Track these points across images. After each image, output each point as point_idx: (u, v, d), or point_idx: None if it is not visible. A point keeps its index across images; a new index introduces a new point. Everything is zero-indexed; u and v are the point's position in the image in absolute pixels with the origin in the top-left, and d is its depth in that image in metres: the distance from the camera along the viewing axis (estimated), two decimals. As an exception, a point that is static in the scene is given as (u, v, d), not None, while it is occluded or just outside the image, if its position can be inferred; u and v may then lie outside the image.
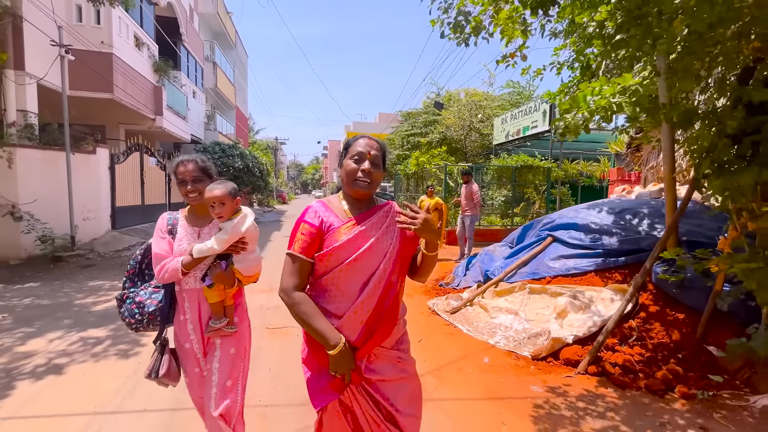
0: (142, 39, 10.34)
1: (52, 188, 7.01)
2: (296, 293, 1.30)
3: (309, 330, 1.29)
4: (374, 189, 1.36)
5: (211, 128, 18.17)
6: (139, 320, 1.70)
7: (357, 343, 1.31)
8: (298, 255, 1.30)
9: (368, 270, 1.31)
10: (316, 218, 1.34)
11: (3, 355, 3.32)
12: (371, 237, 1.31)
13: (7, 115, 6.92)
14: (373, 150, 1.33)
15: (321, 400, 1.33)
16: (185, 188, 1.69)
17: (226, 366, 1.72)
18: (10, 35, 6.79)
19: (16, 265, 6.55)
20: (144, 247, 1.82)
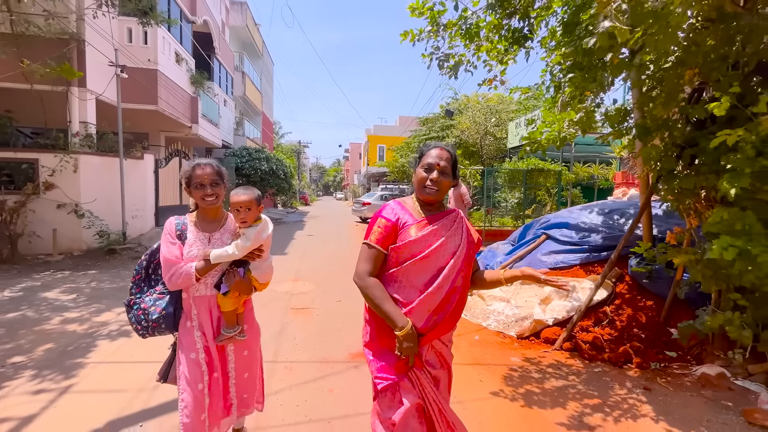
0: (182, 55, 11.42)
1: (107, 189, 8.04)
2: (369, 278, 1.44)
3: (379, 312, 1.41)
4: (442, 196, 1.51)
5: (240, 134, 19.32)
6: (145, 327, 1.67)
7: (422, 330, 1.43)
8: (374, 245, 1.46)
9: (437, 265, 1.44)
10: (392, 214, 1.49)
11: (84, 324, 4.14)
12: (441, 236, 1.46)
13: (72, 126, 8.00)
14: (442, 161, 1.47)
15: (383, 380, 1.43)
16: (204, 192, 1.65)
17: (241, 365, 1.81)
18: (75, 57, 7.86)
19: (78, 255, 7.58)
20: (149, 252, 1.79)
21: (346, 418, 2.43)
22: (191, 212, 1.77)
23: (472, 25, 2.92)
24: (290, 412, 2.48)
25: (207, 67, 14.06)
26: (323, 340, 3.68)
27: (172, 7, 10.81)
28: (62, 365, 3.11)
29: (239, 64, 19.31)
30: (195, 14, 12.45)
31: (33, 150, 7.58)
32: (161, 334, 1.71)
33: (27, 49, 7.12)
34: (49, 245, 7.34)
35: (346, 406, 2.56)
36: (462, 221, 1.54)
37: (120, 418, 2.40)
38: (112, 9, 7.77)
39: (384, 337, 1.44)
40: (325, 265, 7.38)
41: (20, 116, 8.32)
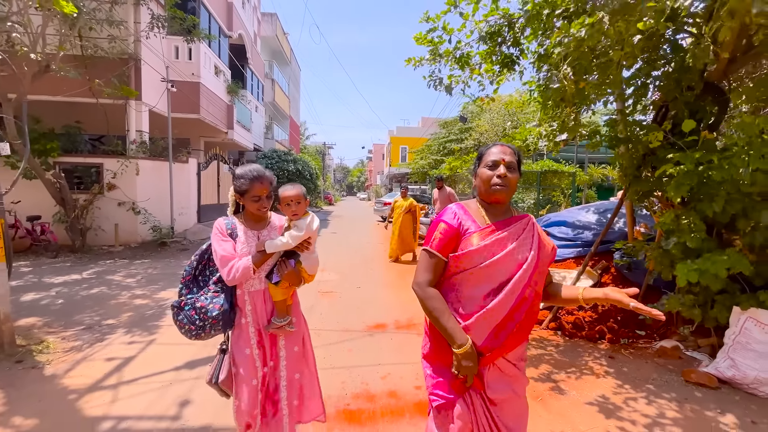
0: (220, 67, 12.55)
1: (159, 190, 9.15)
2: (429, 288, 1.33)
3: (437, 325, 1.30)
4: (511, 194, 1.36)
5: (269, 137, 20.53)
6: (200, 326, 1.67)
7: (482, 349, 1.29)
8: (434, 252, 1.34)
9: (500, 277, 1.29)
10: (454, 219, 1.36)
11: (149, 299, 5.06)
12: (508, 245, 1.30)
13: (129, 135, 9.17)
14: (507, 156, 1.34)
15: (439, 397, 1.34)
16: (261, 204, 1.70)
17: (292, 363, 1.82)
18: (133, 75, 9.02)
19: (134, 247, 8.71)
20: (198, 253, 1.80)
21: (361, 368, 3.14)
22: (234, 214, 1.83)
23: (463, 54, 3.57)
24: (319, 361, 3.21)
25: (241, 76, 15.23)
26: (345, 315, 4.42)
27: (212, 25, 11.94)
28: (144, 325, 4.01)
29: (269, 71, 20.52)
30: (231, 29, 13.59)
31: (98, 155, 8.79)
32: (215, 333, 1.71)
33: (93, 69, 8.30)
34: (111, 238, 8.50)
35: (361, 360, 3.27)
36: (533, 228, 1.37)
37: (195, 360, 3.21)
38: (162, 30, 8.88)
39: (443, 353, 1.34)
40: (347, 258, 8.14)
41: (86, 125, 9.60)
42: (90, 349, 3.44)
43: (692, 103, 3.17)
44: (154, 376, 2.95)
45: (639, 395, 2.75)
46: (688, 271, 2.74)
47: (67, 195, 7.87)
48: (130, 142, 9.06)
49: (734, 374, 2.73)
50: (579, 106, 3.34)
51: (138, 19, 8.92)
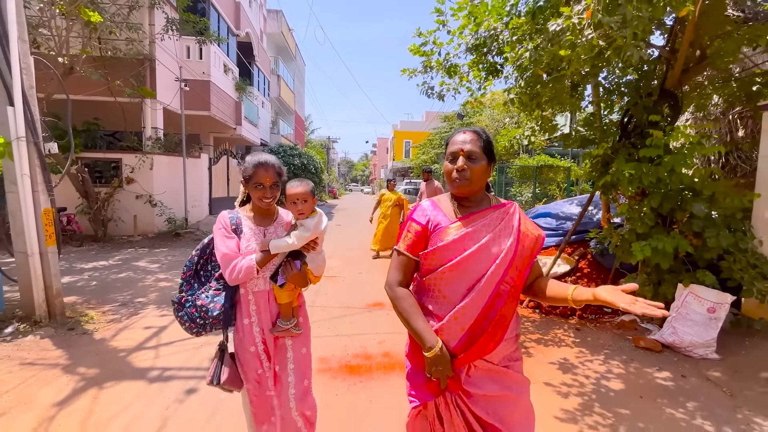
0: (228, 65, 13.03)
1: (173, 183, 9.72)
2: (399, 288, 1.29)
3: (407, 327, 1.26)
4: (476, 186, 1.26)
5: (275, 132, 21.03)
6: (201, 324, 1.62)
7: (456, 351, 1.23)
8: (404, 252, 1.30)
9: (474, 274, 1.22)
10: (423, 216, 1.31)
11: (172, 282, 5.63)
12: (480, 239, 1.23)
13: (145, 131, 9.72)
14: (467, 144, 1.24)
15: (415, 397, 1.31)
16: (263, 193, 1.60)
17: (301, 367, 1.72)
18: (148, 75, 9.54)
19: (152, 237, 9.31)
20: (200, 248, 1.73)
21: (360, 335, 3.67)
22: (241, 206, 1.74)
23: (452, 65, 4.04)
24: (324, 330, 3.76)
25: (248, 72, 15.70)
26: (347, 295, 4.96)
27: (221, 24, 12.41)
28: (170, 302, 4.56)
29: (275, 67, 20.95)
30: (239, 28, 14.04)
31: (117, 151, 9.36)
32: (215, 332, 1.67)
33: (111, 69, 8.82)
34: (130, 228, 9.10)
35: (361, 330, 3.81)
36: (513, 217, 1.27)
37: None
38: (175, 32, 9.37)
39: (419, 352, 1.27)
40: (351, 247, 8.67)
41: (103, 122, 10.16)
42: (128, 321, 4.01)
43: (650, 107, 3.63)
44: (187, 340, 3.50)
45: (595, 358, 3.26)
46: (642, 248, 3.23)
47: (90, 188, 8.46)
48: (146, 138, 9.62)
49: (674, 340, 3.22)
50: (546, 110, 3.80)
51: (152, 21, 9.41)
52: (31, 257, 3.74)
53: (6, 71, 3.56)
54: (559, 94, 3.15)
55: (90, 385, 2.72)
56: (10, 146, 3.59)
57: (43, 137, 3.97)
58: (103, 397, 2.57)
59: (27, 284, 3.79)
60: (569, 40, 2.18)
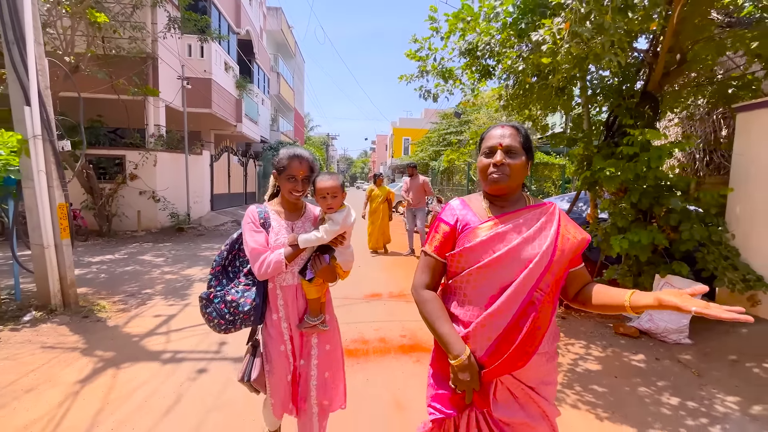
0: (229, 63, 13.19)
1: (176, 180, 9.92)
2: (425, 291, 1.23)
3: (432, 332, 1.19)
4: (515, 182, 1.17)
5: (275, 129, 21.19)
6: (230, 320, 1.61)
7: (484, 362, 1.13)
8: (431, 253, 1.25)
9: (504, 279, 1.13)
10: (451, 216, 1.25)
11: (177, 274, 5.85)
12: (512, 240, 1.14)
13: (148, 129, 9.91)
14: (506, 139, 1.17)
15: (436, 410, 1.23)
16: (294, 185, 1.60)
17: (324, 362, 1.71)
18: (150, 73, 9.71)
19: (155, 232, 9.52)
20: (229, 243, 1.72)
21: (358, 323, 3.89)
22: (268, 201, 1.74)
23: (446, 68, 4.25)
24: (324, 319, 3.99)
25: (248, 70, 15.85)
26: (346, 287, 5.17)
27: (221, 23, 12.55)
28: (178, 294, 4.80)
29: (274, 64, 21.08)
30: (239, 26, 14.18)
31: (121, 148, 9.55)
32: (246, 328, 1.68)
33: (115, 67, 8.99)
34: (134, 223, 9.31)
35: (359, 318, 4.03)
36: (551, 218, 1.18)
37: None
38: (177, 31, 9.54)
39: (443, 361, 1.20)
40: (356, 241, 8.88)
41: (106, 119, 10.33)
42: (138, 309, 4.23)
43: (633, 109, 3.84)
44: (195, 327, 3.73)
45: (576, 342, 3.50)
46: (619, 241, 3.46)
47: (94, 184, 8.66)
48: (149, 135, 9.81)
49: (650, 326, 3.46)
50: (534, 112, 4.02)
51: (155, 20, 9.58)
52: (47, 249, 3.95)
53: (23, 73, 3.75)
54: (545, 98, 3.35)
55: (108, 366, 2.94)
56: (27, 144, 3.80)
57: (57, 135, 4.17)
58: (121, 376, 2.80)
59: (43, 275, 4.00)
60: (551, 49, 2.39)
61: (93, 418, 2.31)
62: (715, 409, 2.49)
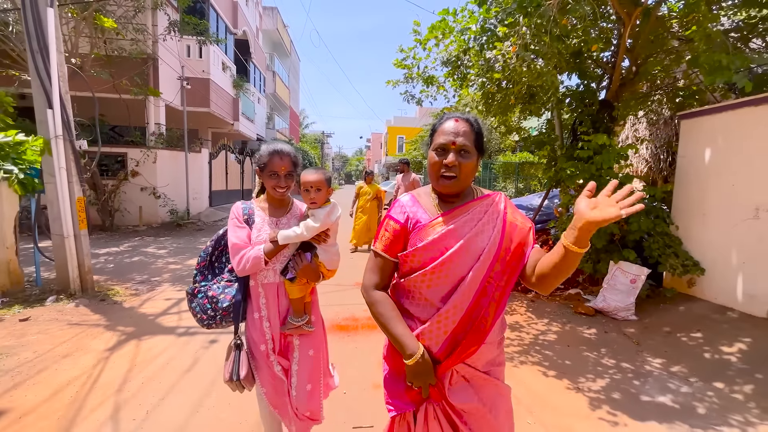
0: (227, 63, 13.54)
1: (176, 177, 10.29)
2: (375, 292, 1.20)
3: (386, 333, 1.17)
4: (466, 183, 1.16)
5: (270, 127, 21.53)
6: (212, 316, 1.61)
7: (439, 356, 1.14)
8: (381, 253, 1.21)
9: (458, 274, 1.13)
10: (401, 214, 1.20)
11: (180, 264, 6.27)
12: (462, 236, 1.13)
13: (149, 127, 10.26)
14: (459, 137, 1.12)
15: (394, 407, 1.22)
16: (277, 182, 1.58)
17: (305, 370, 1.65)
18: (151, 73, 10.06)
19: (156, 227, 9.90)
20: (215, 239, 1.73)
21: (349, 305, 4.36)
22: (256, 197, 1.74)
23: (429, 76, 4.73)
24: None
25: (244, 69, 16.18)
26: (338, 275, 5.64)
27: (219, 24, 12.89)
28: (184, 281, 5.23)
29: (270, 63, 21.39)
30: (236, 27, 14.51)
31: (123, 146, 9.89)
32: (227, 324, 1.65)
33: (116, 67, 9.33)
34: (135, 218, 9.67)
35: (350, 301, 4.50)
36: (496, 208, 1.18)
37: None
38: (177, 33, 9.89)
39: (398, 356, 1.19)
40: (342, 236, 9.36)
41: (108, 117, 10.66)
42: (149, 294, 4.66)
43: (594, 115, 4.34)
44: (203, 308, 4.17)
45: (539, 320, 4.00)
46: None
47: (98, 180, 9.01)
48: (149, 133, 10.17)
49: (604, 305, 3.97)
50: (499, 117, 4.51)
51: (155, 22, 9.91)
52: (67, 239, 4.36)
53: (46, 79, 4.15)
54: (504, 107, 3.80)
55: (130, 338, 3.38)
56: (49, 144, 4.21)
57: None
58: (143, 345, 3.24)
59: (63, 262, 4.41)
60: (501, 66, 2.85)
61: (124, 375, 2.76)
62: (644, 368, 3.00)
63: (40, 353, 3.05)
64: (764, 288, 3.29)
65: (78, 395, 2.49)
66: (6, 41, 7.44)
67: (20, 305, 4.01)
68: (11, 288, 4.28)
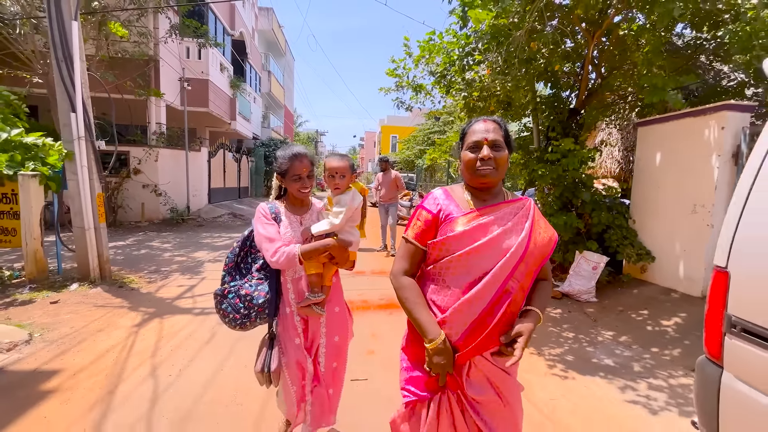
0: (224, 64, 13.90)
1: (176, 175, 10.67)
2: (403, 278, 1.28)
3: (410, 317, 1.24)
4: (501, 175, 1.23)
5: (266, 126, 21.86)
6: (245, 314, 1.66)
7: (458, 345, 1.20)
8: (412, 240, 1.28)
9: (482, 267, 1.19)
10: (434, 205, 1.28)
11: (187, 256, 6.69)
12: (492, 232, 1.20)
13: (150, 126, 10.62)
14: (491, 134, 1.22)
15: (411, 393, 1.28)
16: (301, 183, 1.65)
17: (332, 354, 1.78)
18: (153, 74, 10.41)
19: (157, 223, 10.27)
20: (240, 240, 1.77)
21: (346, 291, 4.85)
22: (276, 199, 1.79)
23: (417, 84, 5.24)
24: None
25: (241, 69, 16.53)
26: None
27: (217, 26, 13.25)
28: (193, 270, 5.68)
29: (265, 63, 21.70)
30: (233, 28, 14.86)
31: (126, 144, 10.24)
32: (262, 321, 1.71)
33: (119, 69, 9.67)
34: (137, 215, 10.04)
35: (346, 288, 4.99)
36: (525, 212, 1.24)
37: (236, 286, 4.93)
38: (177, 36, 10.27)
39: (418, 346, 1.26)
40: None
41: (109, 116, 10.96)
42: (162, 282, 5.11)
43: (564, 122, 4.89)
44: (214, 293, 4.64)
45: (514, 303, 4.54)
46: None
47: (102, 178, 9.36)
48: (151, 133, 10.53)
49: (569, 289, 4.52)
50: None
51: (156, 25, 10.27)
52: (88, 231, 4.79)
53: (70, 86, 4.57)
54: (489, 113, 4.33)
55: (153, 317, 3.84)
56: (71, 153, 4.62)
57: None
58: (166, 323, 3.71)
59: (84, 252, 4.84)
60: (478, 86, 3.36)
61: (155, 344, 3.22)
62: (597, 339, 3.55)
63: (76, 328, 3.50)
64: (700, 272, 3.87)
65: (118, 359, 2.96)
66: (14, 43, 7.78)
67: (47, 290, 4.44)
68: (37, 276, 4.70)
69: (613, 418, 2.39)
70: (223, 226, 10.58)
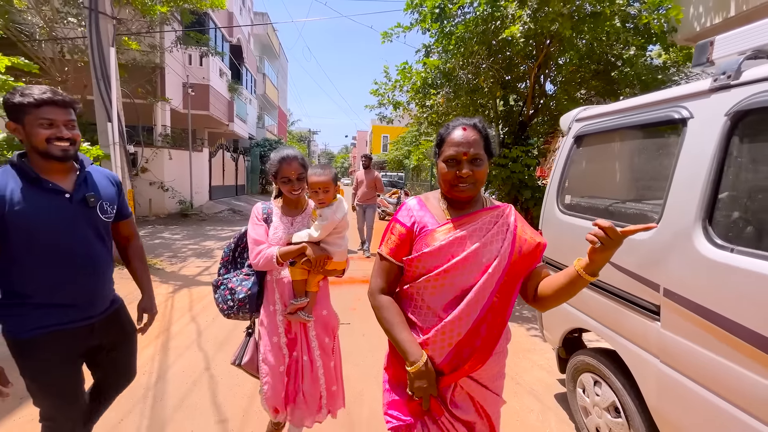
0: (223, 70, 14.79)
1: (180, 173, 11.58)
2: (381, 296, 1.20)
3: (390, 338, 1.16)
4: (480, 188, 1.17)
5: (261, 126, 22.73)
6: (231, 306, 1.73)
7: (443, 368, 1.12)
8: (386, 257, 1.20)
9: (462, 284, 1.11)
10: (408, 218, 1.19)
11: (198, 245, 7.66)
12: (470, 245, 1.11)
13: (156, 128, 11.50)
14: (471, 148, 1.11)
15: (393, 418, 1.20)
16: (291, 186, 1.68)
17: (327, 355, 1.81)
18: (159, 80, 11.30)
19: (164, 217, 11.18)
20: (237, 236, 1.85)
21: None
22: (274, 199, 1.84)
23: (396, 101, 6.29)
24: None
25: (238, 72, 17.41)
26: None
27: (217, 33, 14.13)
28: (206, 255, 6.66)
29: (260, 65, 22.56)
30: (231, 35, 15.75)
31: (136, 145, 11.12)
32: (243, 314, 1.77)
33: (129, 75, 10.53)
34: (146, 210, 10.93)
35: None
36: (506, 220, 1.15)
37: (245, 267, 5.94)
38: (182, 45, 11.17)
39: (400, 367, 1.17)
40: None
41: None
42: (182, 264, 6.09)
43: (515, 133, 5.98)
44: (227, 272, 5.64)
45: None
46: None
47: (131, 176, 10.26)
48: (157, 134, 11.42)
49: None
50: None
51: (163, 35, 11.14)
52: (120, 221, 5.74)
53: (107, 100, 5.52)
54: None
55: (182, 287, 4.84)
56: (108, 156, 5.58)
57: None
58: (193, 292, 4.71)
59: (116, 238, 5.79)
60: (437, 110, 4.39)
61: (189, 304, 4.23)
62: (528, 302, 4.65)
63: (123, 294, 4.47)
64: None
65: (164, 311, 3.97)
66: (35, 53, 8.62)
67: (89, 269, 5.40)
68: (78, 257, 5.64)
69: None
70: (224, 221, 11.52)
